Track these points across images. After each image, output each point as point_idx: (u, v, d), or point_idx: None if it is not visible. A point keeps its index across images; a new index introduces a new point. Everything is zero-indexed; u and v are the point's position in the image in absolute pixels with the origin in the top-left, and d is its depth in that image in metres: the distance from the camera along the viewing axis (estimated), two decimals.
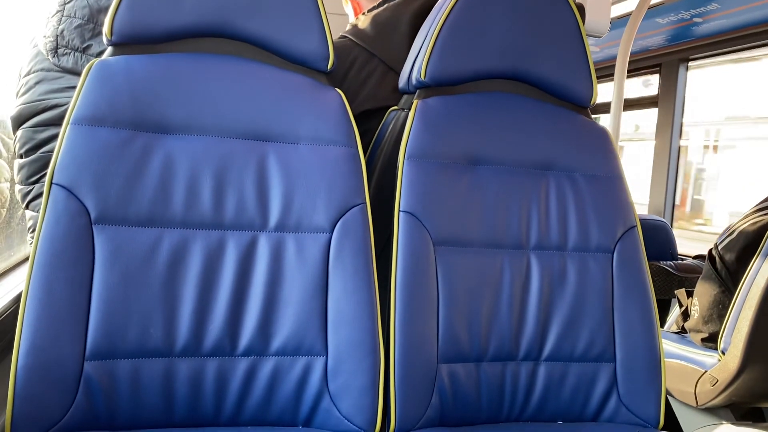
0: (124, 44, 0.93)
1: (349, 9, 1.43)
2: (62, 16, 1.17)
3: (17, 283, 1.22)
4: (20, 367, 0.76)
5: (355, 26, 1.28)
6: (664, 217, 2.65)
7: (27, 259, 1.31)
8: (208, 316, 0.86)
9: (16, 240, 1.40)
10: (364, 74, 1.22)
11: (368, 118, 1.20)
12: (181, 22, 0.94)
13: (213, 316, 0.86)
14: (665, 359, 1.19)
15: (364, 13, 1.30)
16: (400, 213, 0.95)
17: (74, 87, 1.15)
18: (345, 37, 1.28)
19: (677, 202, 2.77)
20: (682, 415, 1.64)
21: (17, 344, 0.77)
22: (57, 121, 1.16)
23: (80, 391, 0.79)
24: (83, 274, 0.81)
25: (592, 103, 1.12)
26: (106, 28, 0.91)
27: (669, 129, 2.66)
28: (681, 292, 1.82)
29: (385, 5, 1.28)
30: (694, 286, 1.74)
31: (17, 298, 1.08)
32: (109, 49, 0.93)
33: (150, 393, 0.83)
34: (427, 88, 1.05)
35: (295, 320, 0.88)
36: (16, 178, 1.21)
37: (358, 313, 0.89)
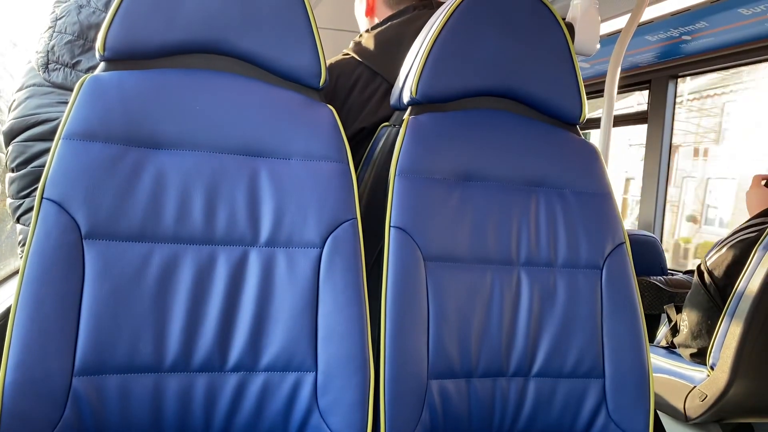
0: (116, 60, 0.93)
1: (361, 6, 1.39)
2: (53, 32, 1.18)
3: (6, 296, 1.21)
4: (8, 383, 0.76)
5: (358, 44, 1.28)
6: (653, 233, 2.66)
7: (17, 272, 1.31)
8: (198, 332, 0.86)
9: (6, 254, 1.40)
10: (368, 93, 1.23)
11: (368, 135, 1.21)
12: (174, 39, 0.94)
13: (203, 332, 0.86)
14: (654, 374, 1.20)
15: (368, 31, 1.30)
16: (391, 228, 0.95)
17: (64, 102, 1.16)
18: (349, 54, 1.28)
19: None
20: (672, 430, 1.64)
21: (5, 359, 0.77)
22: (48, 136, 1.16)
23: (68, 406, 0.79)
24: (73, 289, 0.81)
25: (581, 120, 1.13)
26: (98, 44, 0.91)
27: (659, 144, 2.68)
28: (670, 308, 1.83)
29: (389, 23, 1.29)
30: (683, 302, 1.75)
31: (6, 313, 1.07)
32: (102, 64, 0.93)
33: (139, 409, 0.83)
34: (419, 104, 1.06)
35: (285, 336, 0.88)
36: (7, 192, 1.21)
37: (348, 329, 0.89)
